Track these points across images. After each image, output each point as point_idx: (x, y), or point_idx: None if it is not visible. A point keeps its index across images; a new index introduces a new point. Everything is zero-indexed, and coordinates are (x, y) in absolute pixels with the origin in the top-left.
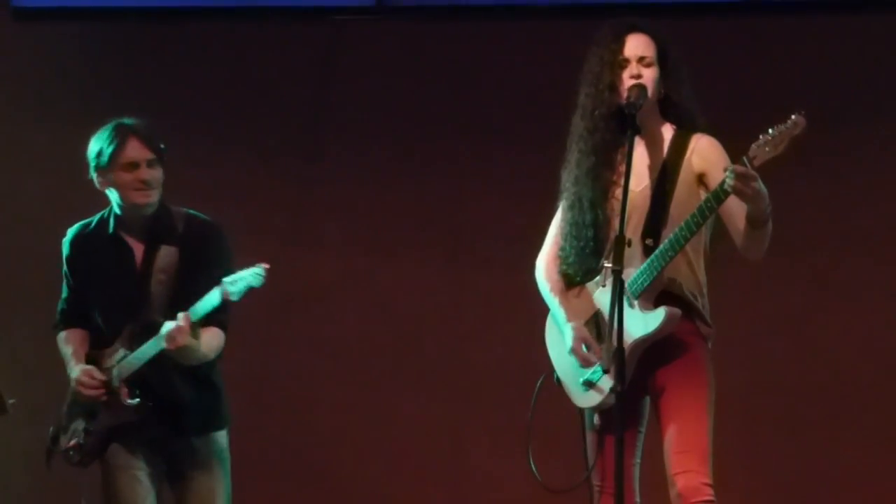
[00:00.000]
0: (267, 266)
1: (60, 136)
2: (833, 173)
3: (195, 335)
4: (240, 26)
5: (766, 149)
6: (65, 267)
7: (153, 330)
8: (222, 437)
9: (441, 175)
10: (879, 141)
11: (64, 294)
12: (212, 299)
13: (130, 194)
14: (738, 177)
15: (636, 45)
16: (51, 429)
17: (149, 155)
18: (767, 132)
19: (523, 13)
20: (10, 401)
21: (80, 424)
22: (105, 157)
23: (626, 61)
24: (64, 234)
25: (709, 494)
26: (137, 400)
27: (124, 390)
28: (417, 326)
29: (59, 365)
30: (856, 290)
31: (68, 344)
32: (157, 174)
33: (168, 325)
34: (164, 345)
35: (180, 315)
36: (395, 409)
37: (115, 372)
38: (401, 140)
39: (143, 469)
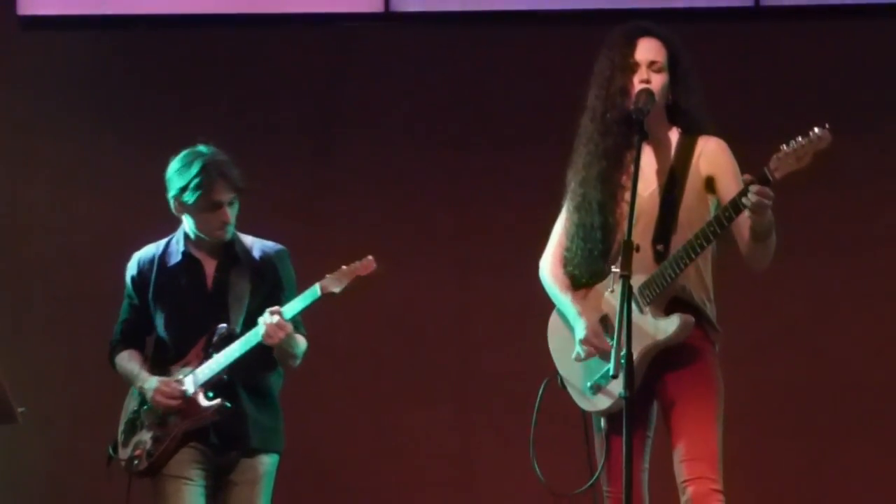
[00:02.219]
0: (370, 257)
1: (67, 144)
2: (841, 179)
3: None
4: (248, 33)
5: (789, 161)
6: (129, 289)
7: (232, 340)
8: (274, 460)
9: (449, 180)
10: (886, 147)
11: (124, 315)
12: (311, 294)
13: (210, 231)
14: (760, 192)
15: (647, 50)
16: (108, 447)
17: (231, 195)
18: (790, 144)
19: (531, 19)
20: (20, 409)
21: (144, 436)
22: (190, 198)
23: (637, 65)
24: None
25: (719, 501)
26: (218, 400)
27: (201, 394)
28: (426, 332)
29: (69, 374)
30: (863, 296)
31: (133, 361)
32: (234, 211)
33: (265, 317)
34: (260, 337)
35: (273, 308)
36: (403, 416)
37: (189, 380)
38: (409, 146)
39: (195, 482)
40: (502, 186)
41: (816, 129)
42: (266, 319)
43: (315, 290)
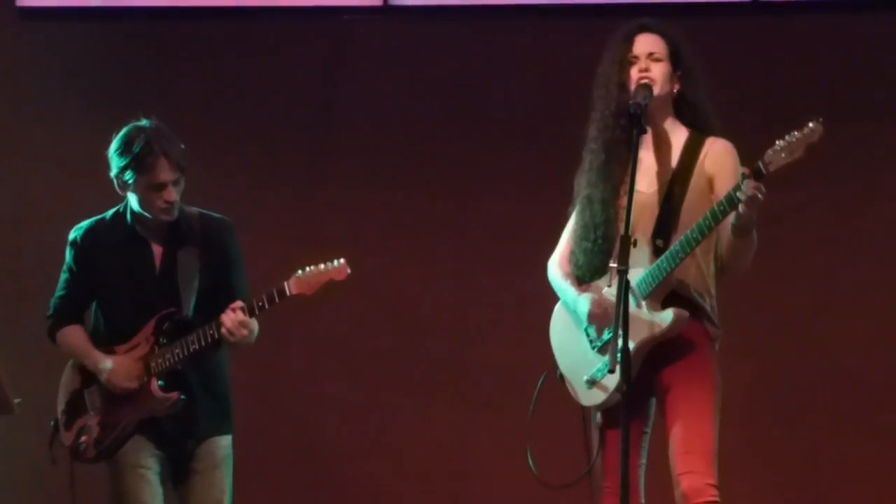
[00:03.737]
0: (343, 260)
1: (65, 134)
2: (837, 174)
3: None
4: (246, 26)
5: (782, 154)
6: (70, 262)
7: (185, 326)
8: (228, 441)
9: (447, 175)
10: (883, 141)
11: (63, 290)
12: (282, 291)
13: (154, 211)
14: (754, 187)
15: (645, 43)
16: (52, 423)
17: (175, 175)
18: (783, 138)
19: (530, 13)
20: (16, 400)
21: (90, 420)
22: (131, 177)
23: (636, 58)
24: (67, 233)
25: (713, 495)
26: (175, 393)
27: (156, 384)
28: (423, 327)
29: (66, 365)
30: (860, 290)
31: (77, 339)
32: (180, 190)
33: (228, 315)
34: (222, 335)
35: (234, 304)
36: (399, 410)
37: (142, 366)
38: (407, 140)
39: (151, 469)
40: (501, 180)
41: (810, 123)
42: (228, 316)
43: (283, 291)
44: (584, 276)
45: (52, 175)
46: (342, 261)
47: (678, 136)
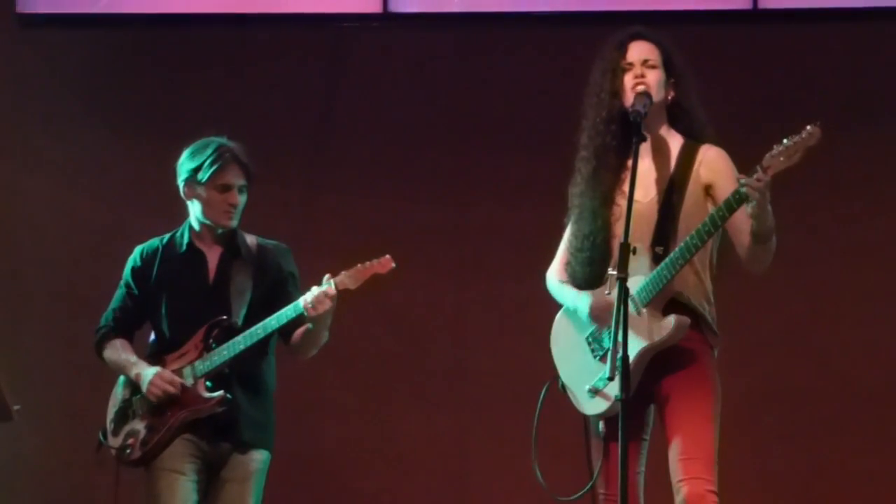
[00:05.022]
0: (388, 256)
1: (64, 141)
2: (837, 181)
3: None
4: (246, 33)
5: (781, 159)
6: (127, 277)
7: (235, 334)
8: (265, 457)
9: (447, 182)
10: (884, 149)
11: (118, 304)
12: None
13: (216, 214)
14: (750, 183)
15: (639, 51)
16: (100, 432)
17: (242, 181)
18: (781, 142)
19: (529, 20)
20: (15, 407)
21: (137, 425)
22: (204, 175)
23: (630, 65)
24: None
25: (714, 502)
26: (221, 392)
27: (203, 384)
28: (423, 334)
29: (66, 372)
30: (860, 299)
31: (126, 351)
32: (244, 199)
33: (314, 290)
34: (301, 310)
35: (324, 279)
36: (399, 417)
37: (187, 371)
38: (406, 147)
39: (187, 475)
40: (500, 187)
41: (808, 127)
42: (314, 290)
43: (330, 286)
44: (581, 286)
45: (51, 181)
46: (387, 256)
47: (673, 143)
